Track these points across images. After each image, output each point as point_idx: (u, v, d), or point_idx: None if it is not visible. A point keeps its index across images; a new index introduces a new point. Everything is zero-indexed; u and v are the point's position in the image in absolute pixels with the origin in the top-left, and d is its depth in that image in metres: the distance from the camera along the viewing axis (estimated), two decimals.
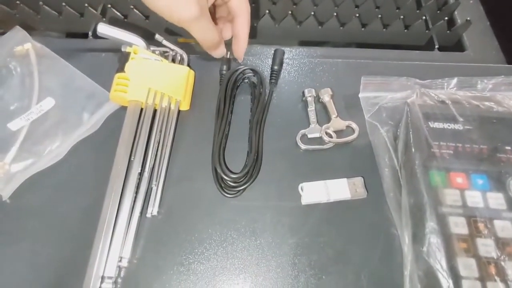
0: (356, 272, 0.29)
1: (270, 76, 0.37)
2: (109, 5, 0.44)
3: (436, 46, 0.45)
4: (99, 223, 0.29)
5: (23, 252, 0.30)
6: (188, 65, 0.38)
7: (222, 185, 0.32)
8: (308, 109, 0.36)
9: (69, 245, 0.30)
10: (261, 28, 0.45)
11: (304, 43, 0.48)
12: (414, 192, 0.28)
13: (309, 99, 0.36)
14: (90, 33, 0.42)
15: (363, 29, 0.45)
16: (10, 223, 0.31)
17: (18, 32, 0.37)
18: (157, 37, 0.36)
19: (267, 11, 0.44)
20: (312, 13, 0.44)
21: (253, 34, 0.46)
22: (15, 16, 0.44)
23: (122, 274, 0.29)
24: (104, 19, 0.44)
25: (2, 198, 0.31)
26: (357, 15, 0.44)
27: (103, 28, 0.34)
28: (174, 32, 0.43)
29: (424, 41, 0.47)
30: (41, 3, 0.43)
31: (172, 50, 0.36)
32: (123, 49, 0.36)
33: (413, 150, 0.29)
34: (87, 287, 0.27)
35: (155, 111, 0.34)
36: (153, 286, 0.29)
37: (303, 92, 0.36)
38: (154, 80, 0.34)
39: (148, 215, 0.31)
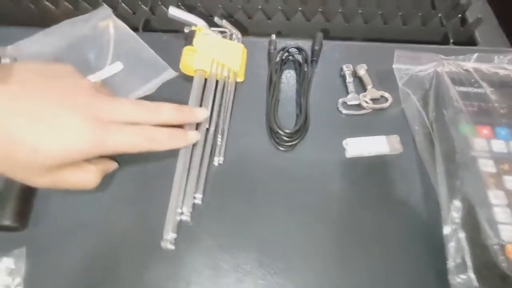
0: (396, 214, 0.34)
1: (312, 55, 0.43)
2: (159, 2, 0.50)
3: (451, 41, 0.51)
4: (176, 168, 0.34)
5: (111, 191, 0.34)
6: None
7: (277, 140, 0.37)
8: (347, 81, 0.41)
9: (149, 186, 0.35)
10: (294, 25, 0.51)
11: (331, 38, 0.54)
12: (446, 140, 0.33)
13: (347, 72, 0.41)
14: (140, 28, 0.48)
15: (385, 25, 0.51)
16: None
17: (104, 10, 0.44)
18: (216, 19, 0.42)
19: (299, 9, 0.50)
20: (340, 10, 0.51)
21: (289, 30, 0.52)
22: (75, 12, 0.51)
23: (195, 210, 0.33)
24: (153, 16, 0.50)
25: None
26: (380, 13, 0.51)
27: (174, 10, 0.40)
28: (229, 15, 0.49)
29: (439, 37, 0.53)
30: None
31: (230, 30, 0.42)
32: (186, 30, 0.42)
33: (443, 109, 0.34)
34: (169, 218, 0.31)
35: (216, 80, 0.40)
36: (217, 223, 0.33)
37: (341, 68, 0.42)
38: (216, 53, 0.40)
39: (215, 163, 0.36)
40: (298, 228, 0.33)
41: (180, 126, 0.34)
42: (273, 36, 0.44)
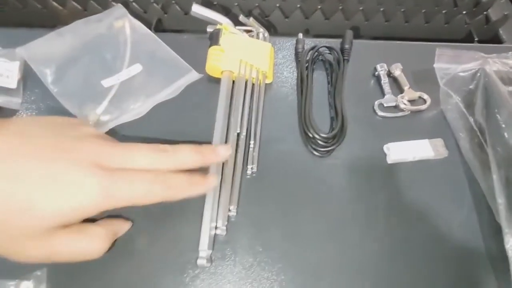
0: (445, 224, 0.31)
1: (342, 54, 0.41)
2: (173, 1, 0.47)
3: (476, 39, 0.49)
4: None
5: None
6: None
7: (313, 146, 0.34)
8: (382, 81, 0.39)
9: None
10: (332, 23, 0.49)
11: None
12: (502, 144, 0.30)
13: (381, 72, 0.39)
14: (152, 28, 0.45)
15: (406, 24, 0.49)
16: None
17: (118, 9, 0.41)
18: (242, 18, 0.40)
19: (340, 7, 0.47)
20: (361, 8, 0.48)
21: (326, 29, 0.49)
22: (83, 12, 0.48)
23: (230, 223, 0.31)
24: (166, 14, 0.48)
25: None
26: (402, 10, 0.48)
27: (197, 8, 0.37)
28: (254, 15, 0.47)
29: (462, 35, 0.51)
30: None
31: (257, 28, 0.39)
32: (209, 29, 0.39)
33: (495, 110, 0.32)
34: (204, 234, 0.29)
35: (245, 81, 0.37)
36: (254, 237, 0.31)
37: (375, 68, 0.40)
38: (244, 53, 0.37)
39: (248, 171, 0.33)
40: (341, 241, 0.31)
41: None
42: (300, 35, 0.42)
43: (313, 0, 0.47)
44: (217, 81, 0.38)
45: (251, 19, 0.39)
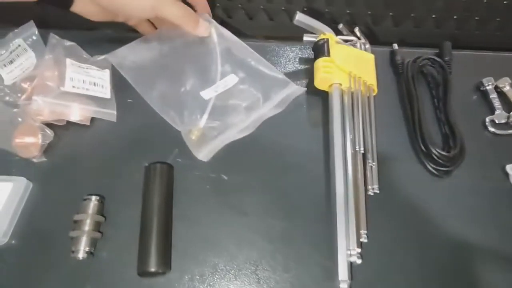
0: None
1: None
2: (240, 5, 0.45)
3: None
4: (336, 203, 0.29)
5: (257, 224, 0.30)
6: None
7: (432, 164, 0.32)
8: (491, 96, 0.37)
9: (298, 219, 0.30)
10: (401, 31, 0.47)
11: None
12: None
13: (489, 87, 0.37)
14: None
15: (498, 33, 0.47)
16: (233, 197, 0.31)
17: (201, 15, 0.38)
18: (341, 27, 0.38)
19: (412, 15, 0.45)
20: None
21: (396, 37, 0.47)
22: None
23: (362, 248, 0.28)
24: (230, 18, 0.46)
25: (202, 159, 0.32)
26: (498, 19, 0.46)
27: (301, 17, 0.36)
28: (353, 23, 0.45)
29: None
30: None
31: (359, 38, 0.38)
32: (306, 38, 0.38)
33: None
34: (341, 263, 0.27)
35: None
36: (388, 263, 0.29)
37: (481, 82, 0.38)
38: (353, 64, 0.35)
39: (370, 192, 0.31)
40: (473, 268, 0.29)
41: None
42: (395, 46, 0.40)
43: (404, 8, 0.45)
44: (317, 93, 0.36)
45: (357, 29, 0.37)
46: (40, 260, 0.27)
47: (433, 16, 0.46)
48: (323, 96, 0.36)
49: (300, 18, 0.35)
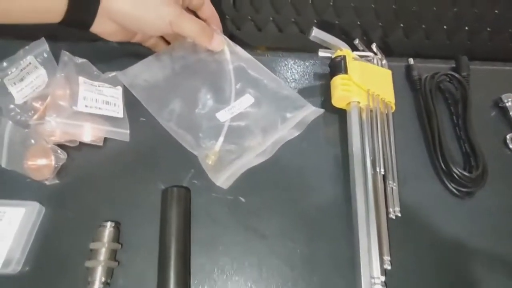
0: None
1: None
2: (249, 16, 0.45)
3: None
4: (358, 228, 0.28)
5: (277, 248, 0.29)
6: None
7: (454, 185, 0.32)
8: (511, 113, 0.36)
9: (319, 242, 0.29)
10: (413, 43, 0.46)
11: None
12: None
13: (508, 104, 0.37)
14: None
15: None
16: (252, 219, 0.30)
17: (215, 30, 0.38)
18: (357, 42, 0.37)
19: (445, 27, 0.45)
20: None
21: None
22: None
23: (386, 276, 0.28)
24: (238, 30, 0.45)
25: (221, 186, 0.31)
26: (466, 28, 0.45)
27: (318, 32, 0.35)
28: (364, 34, 0.45)
29: None
30: None
31: (375, 53, 0.37)
32: (321, 54, 0.37)
33: None
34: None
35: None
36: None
37: (500, 98, 0.37)
38: (371, 81, 0.34)
39: (392, 216, 0.30)
40: None
41: None
42: (411, 60, 0.39)
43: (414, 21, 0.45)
44: (334, 110, 0.35)
45: (374, 45, 0.37)
46: None
47: (445, 27, 0.45)
48: (340, 114, 0.36)
49: (317, 34, 0.35)
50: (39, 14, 0.28)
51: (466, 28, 0.45)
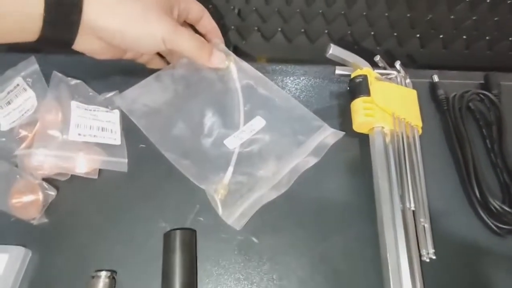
0: None
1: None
2: (255, 27, 0.42)
3: None
4: (389, 273, 0.25)
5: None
6: None
7: (493, 220, 0.28)
8: None
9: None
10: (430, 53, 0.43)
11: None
12: None
13: None
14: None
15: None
16: (266, 263, 0.26)
17: (216, 45, 0.34)
18: (378, 59, 0.34)
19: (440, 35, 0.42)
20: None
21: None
22: None
23: None
24: (244, 41, 0.42)
25: (233, 226, 0.27)
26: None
27: (335, 50, 0.31)
28: (378, 44, 0.41)
29: None
30: None
31: (400, 72, 0.34)
32: (339, 72, 0.34)
33: None
34: None
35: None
36: None
37: None
38: (395, 103, 0.31)
39: (425, 258, 0.26)
40: None
41: None
42: (435, 78, 0.36)
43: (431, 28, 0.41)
44: (354, 134, 0.32)
45: (398, 63, 0.33)
46: None
47: (464, 37, 0.42)
48: (361, 137, 0.32)
49: (335, 51, 0.31)
50: (13, 34, 0.25)
51: (487, 38, 0.42)
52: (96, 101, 0.32)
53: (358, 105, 0.30)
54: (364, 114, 0.30)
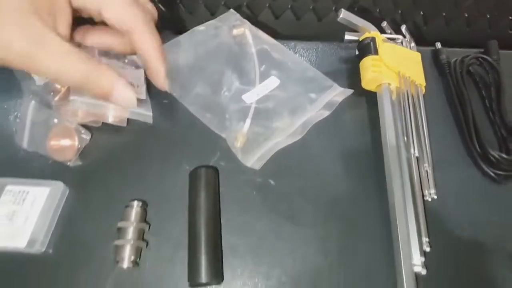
0: None
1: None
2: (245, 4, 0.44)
3: None
4: (395, 212, 0.27)
5: (309, 235, 0.28)
6: None
7: (491, 169, 0.30)
8: None
9: (353, 228, 0.28)
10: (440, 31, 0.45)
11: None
12: None
13: None
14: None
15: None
16: (283, 204, 0.29)
17: (233, 15, 0.37)
18: (385, 25, 0.36)
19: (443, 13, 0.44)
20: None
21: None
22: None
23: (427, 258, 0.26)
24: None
25: (252, 167, 0.30)
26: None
27: (346, 14, 0.34)
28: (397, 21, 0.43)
29: None
30: (178, 1, 0.43)
31: (404, 36, 0.36)
32: (348, 37, 0.36)
33: None
34: (408, 276, 0.25)
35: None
36: (452, 274, 0.27)
37: None
38: (401, 63, 0.33)
39: (428, 198, 0.29)
40: None
41: None
42: (438, 45, 0.38)
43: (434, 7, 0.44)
44: (362, 93, 0.35)
45: (404, 27, 0.36)
46: (80, 271, 0.25)
47: (466, 15, 0.44)
48: (368, 96, 0.35)
49: (345, 15, 0.34)
50: None
51: (488, 16, 0.44)
52: (121, 61, 0.35)
53: (368, 63, 0.33)
54: (372, 71, 0.32)
